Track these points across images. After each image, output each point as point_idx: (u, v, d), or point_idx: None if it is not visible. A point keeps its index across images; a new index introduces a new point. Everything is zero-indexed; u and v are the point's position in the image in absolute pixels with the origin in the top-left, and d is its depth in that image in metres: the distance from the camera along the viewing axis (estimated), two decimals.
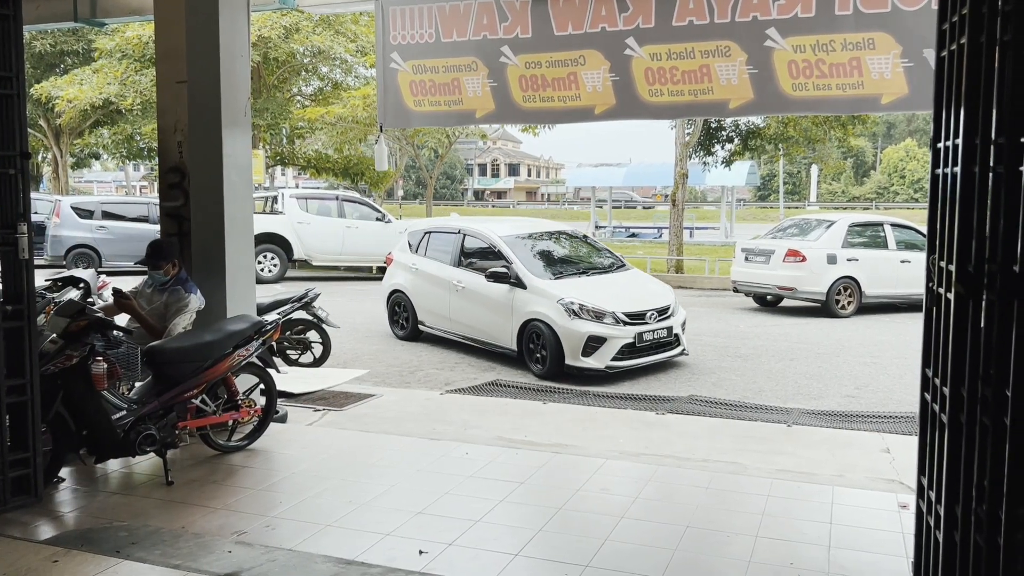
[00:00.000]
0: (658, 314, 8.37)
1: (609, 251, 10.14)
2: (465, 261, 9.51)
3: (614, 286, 8.84)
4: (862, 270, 12.81)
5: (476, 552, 3.74)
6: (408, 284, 10.22)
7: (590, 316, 8.01)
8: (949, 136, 2.71)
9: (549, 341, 8.10)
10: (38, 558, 3.67)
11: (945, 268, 2.69)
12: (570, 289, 8.37)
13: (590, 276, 9.04)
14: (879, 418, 6.65)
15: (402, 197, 57.57)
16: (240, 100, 5.71)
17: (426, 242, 10.30)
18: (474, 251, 9.50)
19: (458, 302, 9.34)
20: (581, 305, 8.05)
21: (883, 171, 58.00)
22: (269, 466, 4.99)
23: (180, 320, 5.15)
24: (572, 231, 10.65)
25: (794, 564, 3.63)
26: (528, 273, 8.60)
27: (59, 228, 17.59)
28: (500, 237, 9.20)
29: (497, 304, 8.76)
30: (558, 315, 8.07)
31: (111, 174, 62.33)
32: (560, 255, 9.64)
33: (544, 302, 8.27)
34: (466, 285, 9.21)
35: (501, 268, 8.74)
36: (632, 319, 8.15)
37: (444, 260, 9.75)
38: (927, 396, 2.94)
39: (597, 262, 9.59)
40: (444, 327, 9.68)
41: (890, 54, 5.06)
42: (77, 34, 23.72)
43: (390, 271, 10.80)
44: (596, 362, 7.96)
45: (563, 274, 8.89)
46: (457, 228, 9.96)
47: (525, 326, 8.42)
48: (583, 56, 5.82)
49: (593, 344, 7.93)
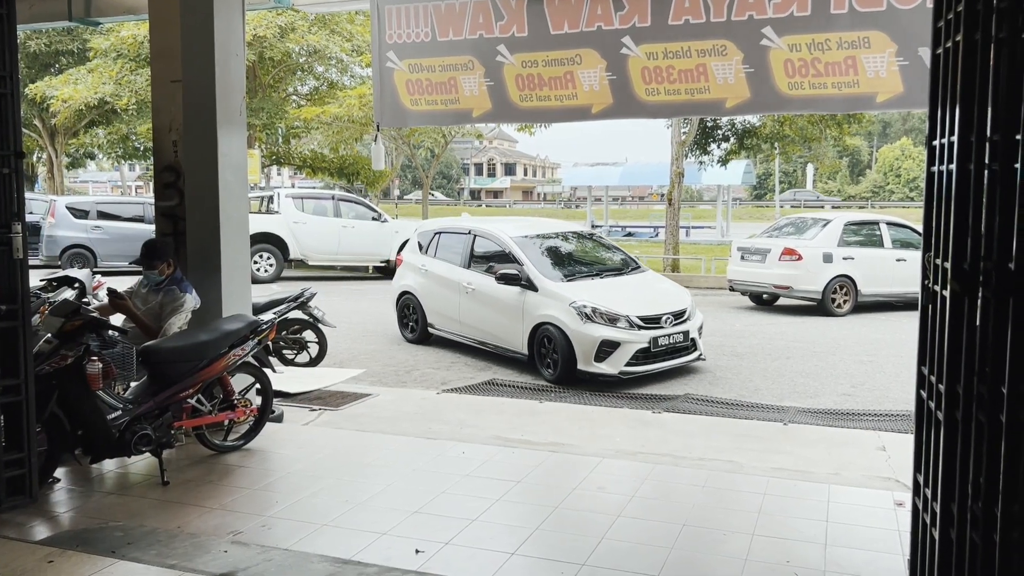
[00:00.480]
0: (674, 318, 8.13)
1: (623, 252, 9.89)
2: (475, 262, 9.30)
3: (628, 288, 8.62)
4: (858, 269, 12.83)
5: (472, 551, 3.74)
6: (417, 286, 10.02)
7: (603, 320, 7.78)
8: (944, 134, 2.71)
9: (561, 345, 7.87)
10: (33, 559, 3.65)
11: (940, 266, 2.69)
12: (583, 292, 8.16)
13: (603, 278, 8.81)
14: (875, 416, 6.67)
15: (399, 196, 57.55)
16: (235, 99, 5.71)
17: (436, 243, 10.08)
18: (484, 252, 9.28)
19: (468, 304, 9.13)
20: (594, 308, 7.81)
21: (879, 170, 58.15)
22: (265, 466, 4.98)
23: (175, 320, 5.13)
24: (585, 231, 10.47)
25: (790, 562, 3.63)
26: (539, 275, 8.40)
27: (54, 228, 17.55)
28: (511, 238, 8.97)
29: (507, 307, 8.55)
30: (570, 318, 7.85)
31: (106, 174, 62.19)
32: (572, 256, 9.43)
33: (556, 305, 8.05)
34: (476, 287, 9.00)
35: (512, 270, 8.54)
36: (647, 323, 7.91)
37: (454, 261, 9.55)
38: (923, 393, 2.94)
39: (611, 263, 9.37)
40: (454, 330, 9.46)
41: (885, 52, 5.07)
42: (72, 33, 23.66)
43: (400, 272, 10.59)
44: (609, 367, 7.72)
45: (575, 276, 8.67)
46: (467, 228, 9.73)
47: (536, 330, 8.20)
48: (579, 55, 5.82)
49: (606, 349, 7.70)
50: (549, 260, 8.91)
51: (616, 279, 8.89)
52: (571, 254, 9.48)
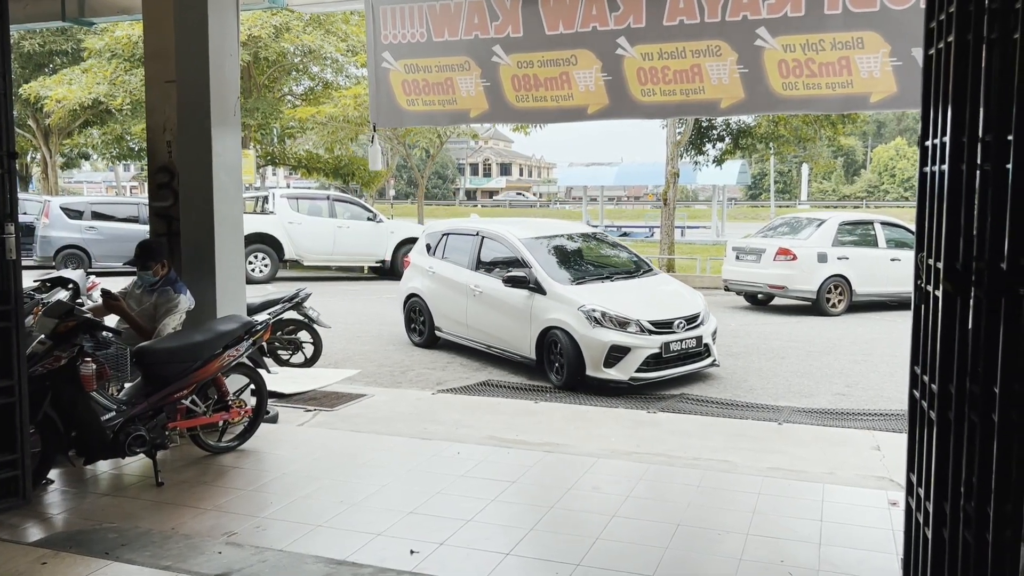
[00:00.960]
0: (687, 322, 7.85)
1: (635, 254, 9.61)
2: (483, 264, 9.07)
3: (639, 292, 8.37)
4: (853, 268, 12.87)
5: (467, 551, 3.74)
6: (425, 288, 9.79)
7: (613, 324, 7.52)
8: (937, 134, 2.72)
9: (569, 350, 7.62)
10: (26, 560, 3.64)
11: (933, 266, 2.70)
12: (592, 295, 7.89)
13: (614, 281, 8.57)
14: (870, 416, 6.68)
15: (393, 197, 57.48)
16: (230, 99, 5.69)
17: (444, 244, 9.85)
18: (492, 254, 9.06)
19: (475, 308, 8.90)
20: (603, 312, 7.56)
21: (873, 170, 58.29)
22: (260, 467, 4.97)
23: (170, 321, 5.13)
24: (596, 233, 10.32)
25: (784, 562, 3.64)
26: (548, 278, 8.15)
27: (48, 229, 17.49)
28: (519, 239, 8.74)
29: (515, 310, 8.33)
30: (578, 323, 7.59)
31: (101, 174, 62.00)
32: (582, 258, 9.21)
33: (564, 308, 7.79)
34: (484, 290, 8.78)
35: (519, 272, 8.32)
36: (658, 328, 7.64)
37: (462, 263, 9.33)
38: (916, 393, 2.95)
39: (622, 266, 9.12)
40: (461, 334, 9.24)
41: (879, 53, 5.08)
42: (66, 34, 23.58)
43: (407, 274, 10.38)
44: (619, 373, 7.47)
45: (585, 279, 8.43)
46: (475, 230, 9.50)
47: (544, 334, 7.96)
48: (575, 56, 5.82)
49: (616, 354, 7.45)
50: (558, 262, 8.70)
51: (627, 282, 8.64)
52: (581, 256, 9.28)
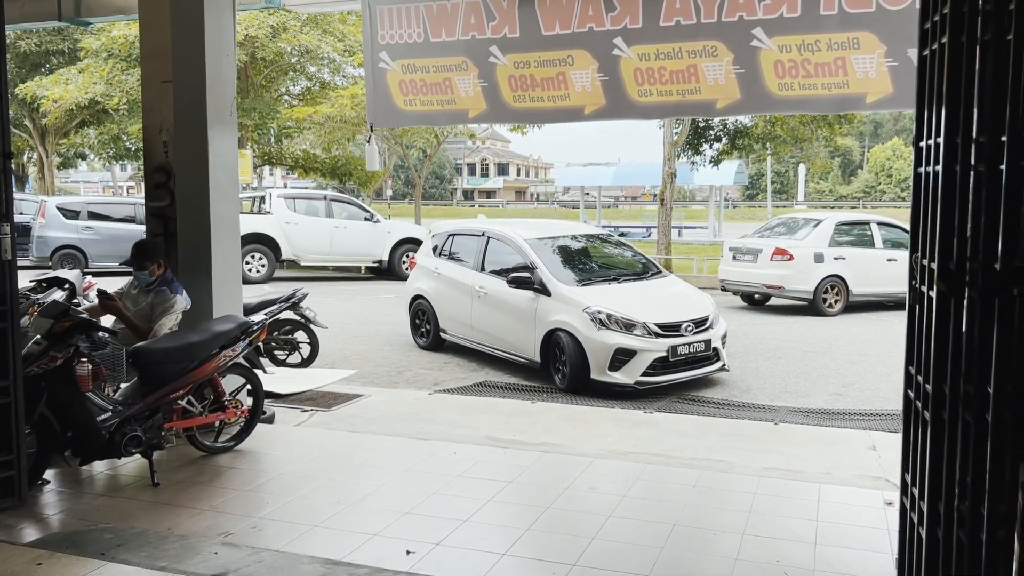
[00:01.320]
0: (695, 326, 7.70)
1: (643, 256, 9.46)
2: (488, 265, 8.96)
3: (646, 294, 8.24)
4: (849, 269, 12.89)
5: (464, 552, 3.74)
6: (430, 289, 9.67)
7: (618, 326, 7.39)
8: (931, 135, 2.72)
9: (573, 353, 7.49)
10: (22, 561, 3.64)
11: (927, 266, 2.70)
12: (598, 296, 7.76)
13: (621, 283, 8.42)
14: (866, 416, 6.70)
15: (391, 197, 57.47)
16: (226, 99, 5.69)
17: (450, 245, 9.76)
18: (498, 255, 8.93)
19: (480, 309, 8.78)
20: (609, 314, 7.43)
21: (870, 170, 58.38)
22: (256, 467, 4.97)
23: (166, 321, 5.12)
24: (604, 234, 10.28)
25: (780, 561, 3.64)
26: (553, 279, 8.02)
27: (45, 229, 17.47)
28: (525, 240, 8.61)
29: (520, 312, 8.20)
30: (583, 325, 7.46)
31: (98, 174, 61.97)
32: (589, 259, 9.09)
33: (569, 310, 7.66)
34: (488, 291, 8.66)
35: (524, 273, 8.20)
36: (665, 331, 7.50)
37: (467, 264, 9.23)
38: (910, 393, 2.96)
39: (629, 267, 8.99)
40: (466, 335, 9.12)
41: (875, 53, 5.09)
42: (63, 33, 23.54)
43: (413, 275, 10.23)
44: (625, 377, 7.33)
45: (591, 280, 8.28)
46: (481, 230, 9.37)
47: (550, 336, 7.83)
48: (571, 56, 5.83)
49: (621, 357, 7.31)
50: (563, 263, 8.59)
51: (634, 284, 8.51)
52: (588, 257, 9.15)
